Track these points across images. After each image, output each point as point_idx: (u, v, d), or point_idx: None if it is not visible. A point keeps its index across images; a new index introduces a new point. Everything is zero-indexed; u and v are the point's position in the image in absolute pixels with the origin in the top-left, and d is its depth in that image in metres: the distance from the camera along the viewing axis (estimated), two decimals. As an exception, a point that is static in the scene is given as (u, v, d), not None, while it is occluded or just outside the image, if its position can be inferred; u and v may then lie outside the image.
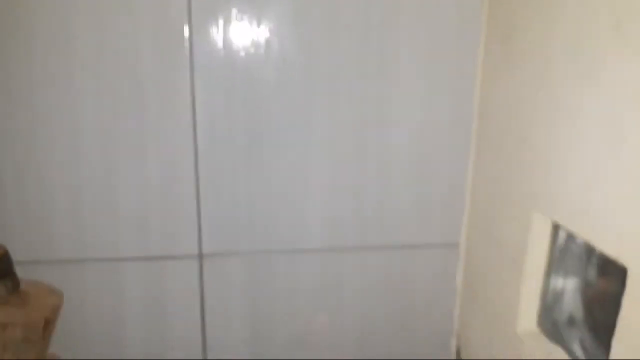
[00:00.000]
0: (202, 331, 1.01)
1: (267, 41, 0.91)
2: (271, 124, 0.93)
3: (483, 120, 0.96)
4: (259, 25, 0.90)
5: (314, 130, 0.94)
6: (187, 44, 0.89)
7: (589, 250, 0.76)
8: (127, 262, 0.97)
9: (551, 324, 0.83)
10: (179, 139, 0.92)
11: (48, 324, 0.75)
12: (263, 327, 1.03)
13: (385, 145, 0.96)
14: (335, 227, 0.99)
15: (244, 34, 0.90)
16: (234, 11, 0.89)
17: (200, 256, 0.98)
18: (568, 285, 0.81)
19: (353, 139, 0.95)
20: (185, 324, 1.01)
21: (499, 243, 0.91)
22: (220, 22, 0.89)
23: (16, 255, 0.92)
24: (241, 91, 0.91)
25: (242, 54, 0.91)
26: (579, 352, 0.78)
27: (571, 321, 0.81)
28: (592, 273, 0.77)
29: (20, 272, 0.82)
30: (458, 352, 1.07)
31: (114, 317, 0.99)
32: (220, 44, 0.90)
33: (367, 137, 0.96)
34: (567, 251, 0.80)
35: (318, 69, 0.92)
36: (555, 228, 0.80)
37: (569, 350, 0.79)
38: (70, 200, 0.93)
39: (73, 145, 0.91)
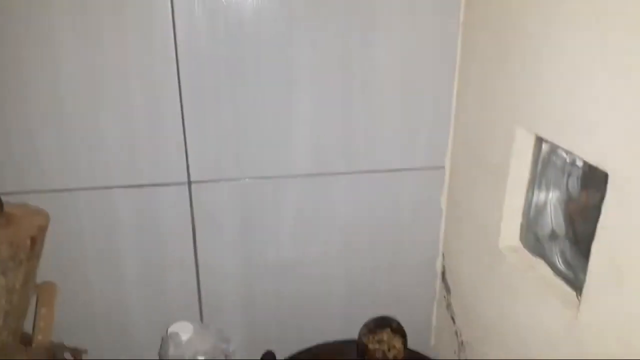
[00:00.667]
0: (195, 256, 1.03)
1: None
2: (255, 51, 0.92)
3: (468, 36, 0.95)
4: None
5: (298, 56, 0.93)
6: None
7: (571, 164, 0.77)
8: (117, 190, 0.97)
9: (533, 238, 0.85)
10: (162, 69, 0.91)
11: (35, 243, 0.76)
12: (253, 253, 1.05)
13: (370, 67, 0.95)
14: (321, 153, 1.00)
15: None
16: None
17: (189, 183, 0.98)
18: (550, 200, 0.82)
19: (337, 63, 0.94)
20: (178, 249, 1.02)
21: (483, 162, 0.92)
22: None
23: (6, 186, 0.92)
24: (223, 17, 0.89)
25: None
26: (559, 265, 0.80)
27: (553, 235, 0.83)
28: (573, 186, 0.78)
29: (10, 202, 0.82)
30: (443, 274, 1.10)
31: (109, 244, 1.00)
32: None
33: (351, 60, 0.94)
34: (549, 166, 0.81)
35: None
36: (538, 142, 0.80)
37: (550, 263, 0.81)
38: (56, 132, 0.92)
39: (56, 78, 0.89)
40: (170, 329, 0.88)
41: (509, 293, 0.86)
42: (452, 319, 1.07)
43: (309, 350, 1.08)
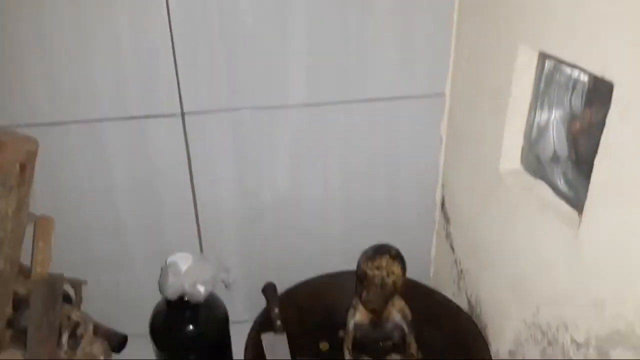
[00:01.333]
0: (192, 190, 1.02)
1: None
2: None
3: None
4: None
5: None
6: None
7: (575, 80, 0.75)
8: (108, 123, 0.95)
9: (534, 161, 0.84)
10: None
11: (24, 169, 0.75)
12: (250, 186, 1.04)
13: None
14: (317, 82, 0.97)
15: None
16: None
17: (182, 114, 0.96)
18: (552, 120, 0.81)
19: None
20: (174, 184, 1.01)
21: (484, 85, 0.89)
22: None
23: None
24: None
25: None
26: (561, 186, 0.79)
27: (554, 157, 0.82)
28: (577, 104, 0.76)
29: None
30: (442, 203, 1.09)
31: (104, 179, 0.99)
32: None
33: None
34: (552, 84, 0.79)
35: None
36: (541, 59, 0.78)
37: (551, 184, 0.80)
38: (44, 65, 0.90)
39: (42, 10, 0.86)
40: (169, 260, 0.88)
41: (508, 217, 0.86)
42: (452, 248, 1.07)
43: (308, 282, 1.08)
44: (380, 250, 0.90)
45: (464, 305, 1.03)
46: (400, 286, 0.90)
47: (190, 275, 0.86)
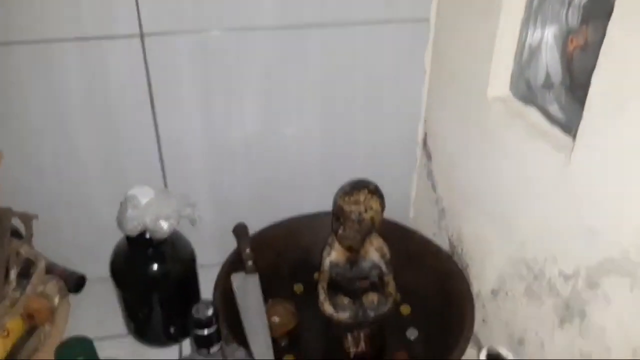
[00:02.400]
0: (154, 122, 0.96)
1: None
2: None
3: None
4: None
5: None
6: None
7: (572, -7, 0.70)
8: (58, 44, 0.87)
9: (525, 87, 0.80)
10: None
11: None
12: (218, 116, 0.98)
13: None
14: (292, 1, 0.90)
15: None
16: None
17: (142, 36, 0.88)
18: (546, 41, 0.76)
19: None
20: (134, 114, 0.95)
21: (472, 6, 0.84)
22: None
23: None
24: None
25: None
26: (554, 112, 0.75)
27: (547, 82, 0.77)
28: (573, 20, 0.71)
29: None
30: (424, 140, 1.05)
31: (55, 107, 0.92)
32: None
33: None
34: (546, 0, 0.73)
35: None
36: (537, -31, 0.72)
37: (542, 111, 0.76)
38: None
39: None
40: (129, 193, 0.82)
41: (495, 148, 0.82)
42: (433, 186, 1.03)
43: (282, 223, 1.04)
44: (358, 185, 0.86)
45: (444, 246, 1.00)
46: (378, 223, 0.86)
47: (152, 210, 0.81)
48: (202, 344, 0.64)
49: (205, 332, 0.63)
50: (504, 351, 0.72)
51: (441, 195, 1.01)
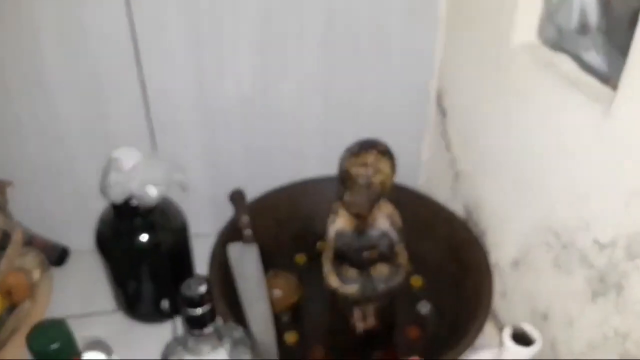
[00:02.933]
0: (141, 77, 0.88)
1: None
2: None
3: None
4: None
5: None
6: None
7: None
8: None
9: (555, 33, 0.72)
10: None
11: None
12: (209, 70, 0.90)
13: None
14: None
15: None
16: None
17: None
18: (581, -23, 0.67)
19: None
20: (118, 70, 0.87)
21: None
22: None
23: None
24: None
25: None
26: (590, 60, 0.67)
27: (582, 27, 0.69)
28: (615, -48, 0.63)
29: None
30: (438, 95, 0.97)
31: (33, 63, 0.84)
32: None
33: None
34: None
35: None
36: None
37: (577, 59, 0.68)
38: None
39: None
40: (112, 155, 0.75)
41: (521, 101, 0.74)
42: (447, 147, 0.96)
43: (282, 189, 0.98)
44: (366, 146, 0.78)
45: (459, 212, 0.94)
46: (389, 187, 0.79)
47: (138, 174, 0.74)
48: (194, 324, 0.58)
49: (198, 311, 0.56)
50: (529, 329, 0.67)
51: (457, 156, 0.94)
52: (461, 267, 0.88)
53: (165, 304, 0.87)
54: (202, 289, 0.57)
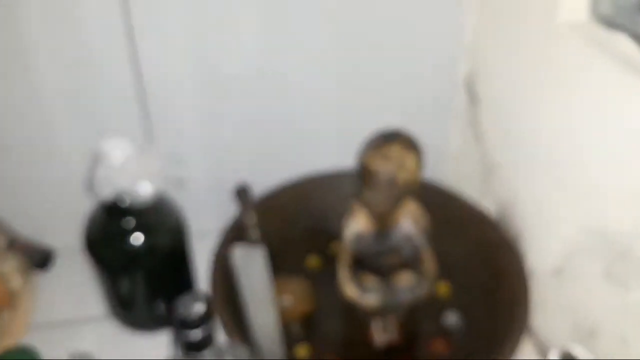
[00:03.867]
0: (135, 57, 0.80)
1: None
2: None
3: None
4: None
5: None
6: None
7: None
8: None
9: (611, 7, 0.64)
10: None
11: None
12: (211, 50, 0.83)
13: None
14: None
15: None
16: None
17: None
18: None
19: None
20: (110, 49, 0.80)
21: None
22: None
23: None
24: None
25: None
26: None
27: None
28: None
29: None
30: (469, 79, 0.89)
31: (14, 39, 0.77)
32: None
33: None
34: None
35: None
36: None
37: (637, 39, 0.60)
38: None
39: None
40: (100, 148, 0.68)
41: (568, 87, 0.67)
42: (478, 138, 0.88)
43: (292, 184, 0.91)
44: (390, 137, 0.71)
45: (491, 211, 0.87)
46: (414, 184, 0.72)
47: (129, 169, 0.67)
48: (190, 348, 0.51)
49: (195, 334, 0.50)
50: (579, 352, 0.60)
51: (489, 149, 0.86)
52: (493, 273, 0.81)
53: (160, 309, 0.81)
54: (200, 308, 0.50)
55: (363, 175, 0.72)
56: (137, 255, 0.75)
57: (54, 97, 0.82)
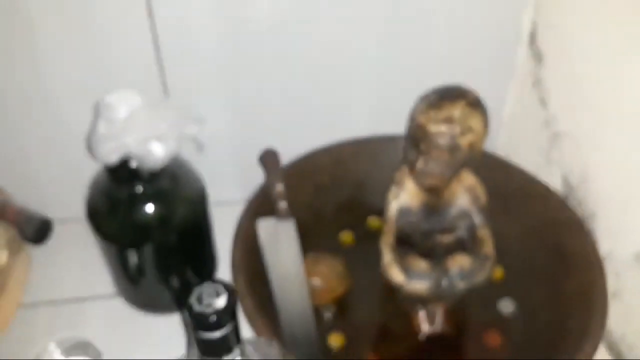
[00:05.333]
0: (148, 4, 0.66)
1: None
2: None
3: None
4: None
5: None
6: None
7: None
8: None
9: None
10: None
11: None
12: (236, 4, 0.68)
13: None
14: None
15: None
16: None
17: None
18: None
19: None
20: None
21: None
22: None
23: None
24: None
25: None
26: None
27: None
28: None
29: None
30: (532, 35, 0.74)
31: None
32: None
33: None
34: None
35: None
36: None
37: None
38: None
39: None
40: (103, 101, 0.55)
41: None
42: (542, 102, 0.74)
43: (326, 150, 0.77)
44: (451, 94, 0.57)
45: (556, 186, 0.73)
46: (478, 152, 0.58)
47: (137, 126, 0.54)
48: (210, 350, 0.39)
49: (214, 335, 0.37)
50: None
51: (556, 114, 0.72)
52: (557, 258, 0.67)
53: (174, 289, 0.68)
54: (221, 301, 0.37)
55: (416, 140, 0.58)
56: (148, 228, 0.63)
57: (55, 43, 0.68)
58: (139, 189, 0.60)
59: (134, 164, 0.57)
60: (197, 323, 0.37)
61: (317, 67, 0.75)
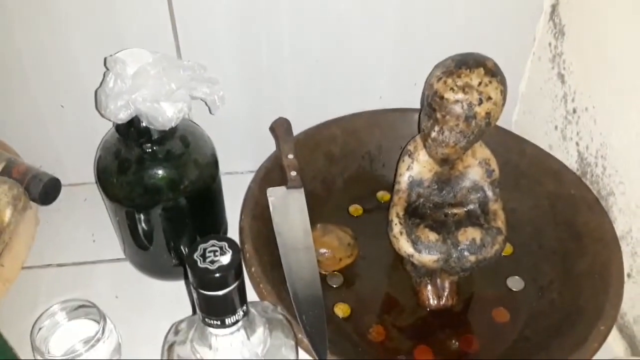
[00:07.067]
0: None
1: None
2: None
3: None
4: None
5: None
6: None
7: None
8: None
9: None
10: None
11: None
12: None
13: None
14: None
15: None
16: None
17: None
18: None
19: None
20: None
21: None
22: None
23: None
24: None
25: None
26: None
27: None
28: None
29: None
30: (555, 9, 0.70)
31: None
32: None
33: None
34: None
35: None
36: None
37: None
38: None
39: None
40: (113, 56, 0.52)
41: None
42: (561, 76, 0.70)
43: (337, 121, 0.74)
44: (469, 61, 0.54)
45: (571, 162, 0.69)
46: (495, 122, 0.55)
47: (147, 84, 0.51)
48: (213, 310, 0.36)
49: (219, 293, 0.34)
50: None
51: (574, 89, 0.68)
52: (572, 236, 0.64)
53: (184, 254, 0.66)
54: (226, 258, 0.35)
55: (432, 108, 0.54)
56: (157, 190, 0.60)
57: (70, 11, 0.65)
58: (149, 149, 0.58)
59: (143, 124, 0.54)
60: (200, 280, 0.34)
61: (334, 36, 0.72)
